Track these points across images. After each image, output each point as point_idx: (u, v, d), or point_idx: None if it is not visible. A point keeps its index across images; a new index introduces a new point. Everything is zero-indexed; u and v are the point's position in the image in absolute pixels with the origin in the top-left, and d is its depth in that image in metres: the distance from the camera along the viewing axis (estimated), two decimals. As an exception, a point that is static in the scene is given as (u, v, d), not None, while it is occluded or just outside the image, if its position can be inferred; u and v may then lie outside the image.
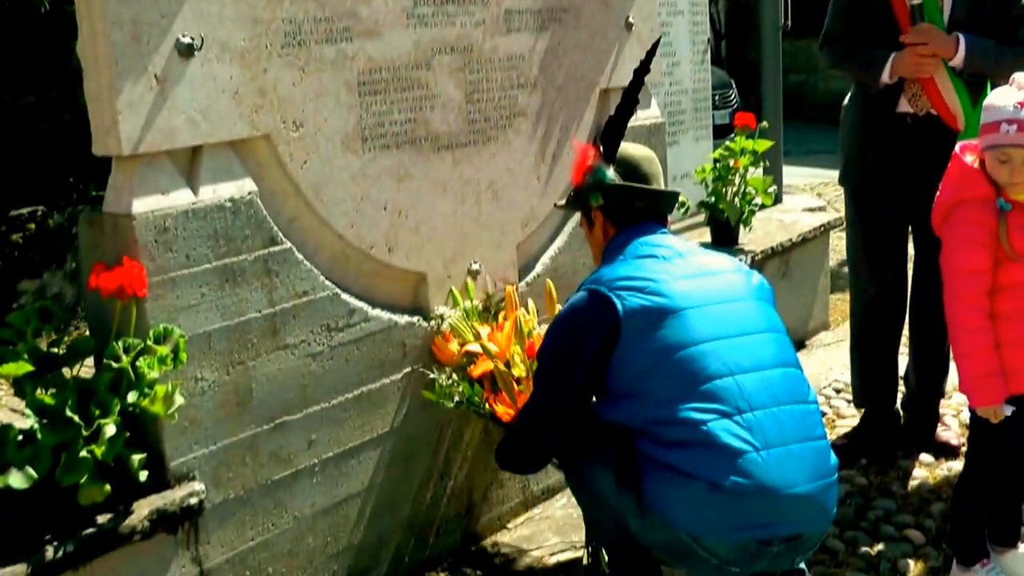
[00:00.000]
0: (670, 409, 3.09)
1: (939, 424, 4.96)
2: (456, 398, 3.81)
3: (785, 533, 3.10)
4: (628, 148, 3.58)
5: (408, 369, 3.88)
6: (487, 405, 3.78)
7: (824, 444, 3.22)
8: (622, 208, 3.47)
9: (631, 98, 3.61)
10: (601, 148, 3.53)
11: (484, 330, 3.91)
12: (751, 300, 3.34)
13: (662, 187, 3.54)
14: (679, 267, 3.29)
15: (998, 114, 3.46)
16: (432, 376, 3.86)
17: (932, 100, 4.40)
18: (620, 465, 3.20)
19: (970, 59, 4.30)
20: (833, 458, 3.22)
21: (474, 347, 3.86)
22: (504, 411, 3.75)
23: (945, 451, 4.83)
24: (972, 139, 3.75)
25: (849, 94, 4.79)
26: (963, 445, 4.72)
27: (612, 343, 3.18)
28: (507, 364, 3.83)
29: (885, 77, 4.45)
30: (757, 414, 3.09)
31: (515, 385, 3.79)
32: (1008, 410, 3.54)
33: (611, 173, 3.48)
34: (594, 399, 3.34)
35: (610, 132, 3.55)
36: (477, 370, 3.84)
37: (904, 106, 4.49)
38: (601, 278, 3.29)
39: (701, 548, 3.11)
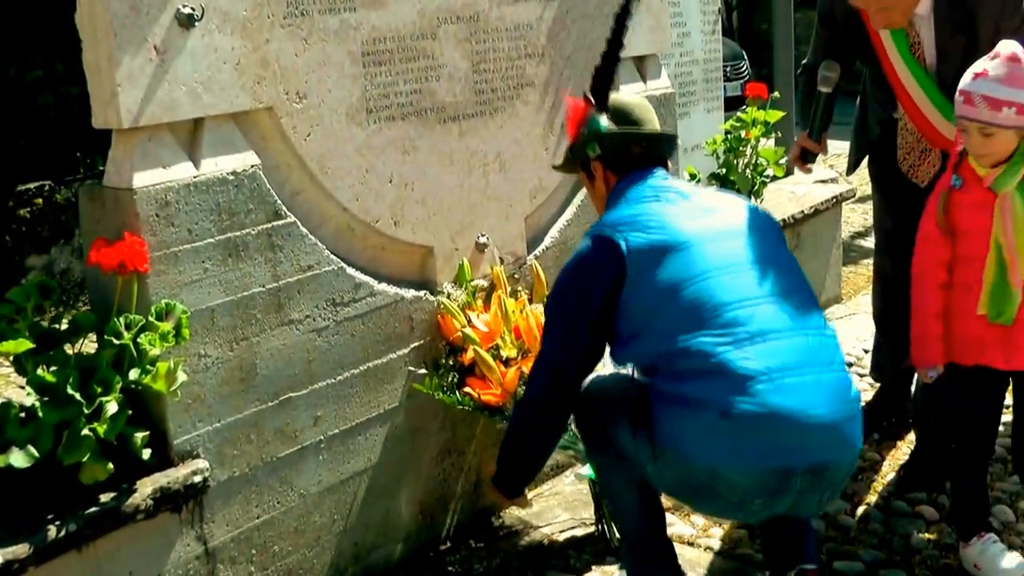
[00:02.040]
0: (681, 340, 3.02)
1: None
2: (444, 392, 3.78)
3: (805, 462, 2.98)
4: (619, 96, 3.53)
5: (415, 344, 3.84)
6: (475, 393, 3.74)
7: (843, 376, 3.12)
8: (620, 155, 3.41)
9: (616, 44, 3.54)
10: (592, 99, 3.47)
11: (474, 315, 3.87)
12: (759, 233, 3.26)
13: (658, 130, 3.48)
14: (683, 207, 3.23)
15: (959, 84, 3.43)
16: (423, 372, 3.83)
17: (926, 134, 4.12)
18: (634, 410, 3.13)
19: None
20: (854, 390, 3.12)
21: (468, 330, 3.81)
22: (491, 396, 3.71)
23: None
24: None
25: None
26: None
27: (620, 284, 3.11)
28: (496, 347, 3.78)
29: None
30: (771, 343, 3.00)
31: (501, 367, 3.74)
32: (934, 373, 3.61)
33: (605, 121, 3.41)
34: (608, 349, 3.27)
35: (599, 82, 3.49)
36: (467, 356, 3.80)
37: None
38: (604, 222, 3.24)
39: (718, 482, 3.01)
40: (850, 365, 5.57)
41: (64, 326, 3.07)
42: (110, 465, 2.92)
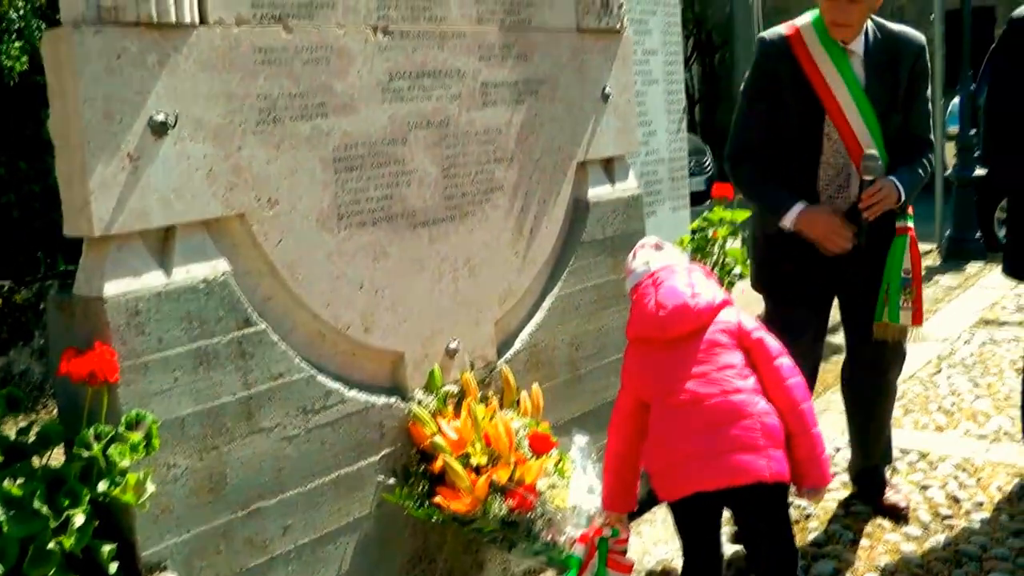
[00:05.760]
0: None
1: (888, 488, 4.89)
2: (415, 503, 3.72)
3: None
4: None
5: (386, 451, 3.79)
6: (444, 503, 3.67)
7: None
8: None
9: None
10: None
11: (444, 422, 3.82)
12: None
13: None
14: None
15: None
16: (392, 482, 3.78)
17: (849, 146, 4.31)
18: None
19: (907, 199, 4.29)
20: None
21: (438, 439, 3.76)
22: (460, 506, 3.65)
23: (895, 514, 4.78)
24: None
25: None
26: (911, 508, 4.79)
27: None
28: (466, 455, 3.74)
29: (787, 224, 4.28)
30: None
31: (472, 475, 3.69)
32: None
33: None
34: None
35: None
36: (437, 464, 3.75)
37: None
38: None
39: None
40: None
41: (32, 437, 3.03)
42: (77, 580, 2.86)
